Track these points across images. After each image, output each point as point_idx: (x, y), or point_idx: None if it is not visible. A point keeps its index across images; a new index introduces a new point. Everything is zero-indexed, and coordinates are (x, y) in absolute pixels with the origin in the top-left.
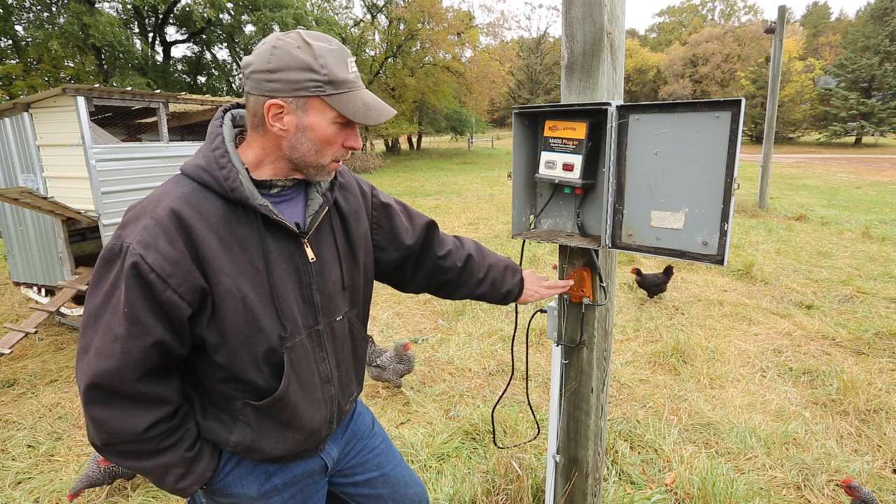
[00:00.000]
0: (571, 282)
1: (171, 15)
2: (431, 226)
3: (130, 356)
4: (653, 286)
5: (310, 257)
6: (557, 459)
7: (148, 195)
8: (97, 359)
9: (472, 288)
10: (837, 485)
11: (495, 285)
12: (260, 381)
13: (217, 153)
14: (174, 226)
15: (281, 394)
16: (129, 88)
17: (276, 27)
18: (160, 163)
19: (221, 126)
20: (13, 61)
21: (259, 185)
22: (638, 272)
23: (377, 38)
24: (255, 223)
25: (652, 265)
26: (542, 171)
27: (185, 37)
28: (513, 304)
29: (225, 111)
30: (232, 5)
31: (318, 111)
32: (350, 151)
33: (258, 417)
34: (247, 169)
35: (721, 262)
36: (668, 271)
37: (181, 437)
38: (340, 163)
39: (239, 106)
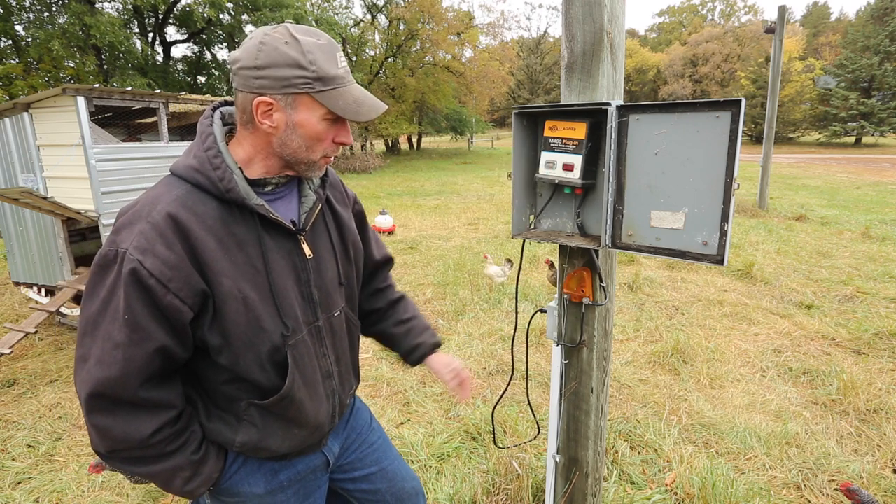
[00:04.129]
0: (468, 396)
1: (171, 15)
2: (390, 260)
3: (133, 363)
4: None
5: (307, 254)
6: (557, 459)
7: (139, 198)
8: (98, 367)
9: (391, 325)
10: (836, 489)
11: (411, 333)
12: (264, 380)
13: (210, 153)
14: (171, 229)
15: (287, 391)
16: (129, 88)
17: None
18: (160, 163)
19: (212, 125)
20: (13, 61)
21: (253, 183)
22: (552, 265)
23: (377, 38)
24: (251, 223)
25: (653, 265)
26: (542, 171)
27: (185, 37)
28: (512, 304)
29: (214, 109)
30: (232, 5)
31: (307, 108)
32: (340, 147)
33: (263, 416)
34: (240, 168)
35: (721, 262)
36: None
37: (186, 439)
38: (332, 158)
39: (228, 103)
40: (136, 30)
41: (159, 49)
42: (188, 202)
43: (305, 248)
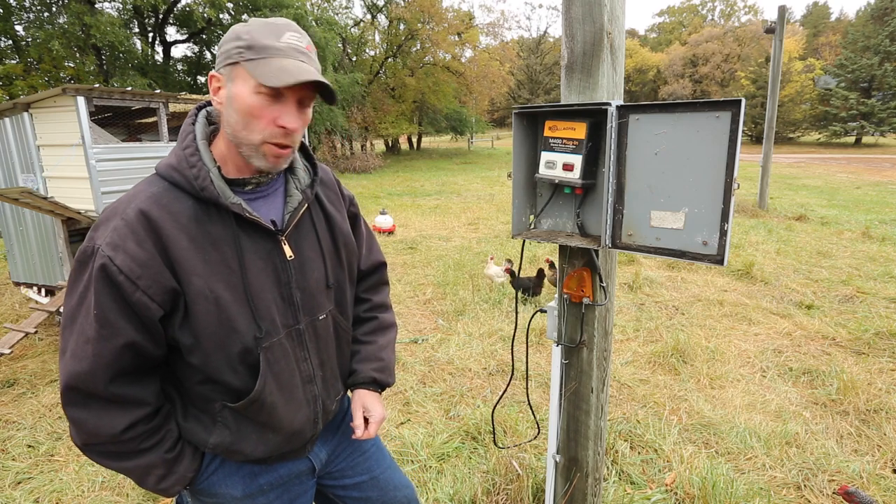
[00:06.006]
0: (361, 436)
1: (172, 15)
2: (381, 265)
3: (101, 358)
4: (524, 288)
5: (288, 255)
6: (557, 459)
7: (122, 195)
8: (72, 360)
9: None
10: (835, 492)
11: (357, 356)
12: (236, 381)
13: (187, 152)
14: (143, 227)
15: (256, 395)
16: (130, 88)
17: None
18: None
19: (194, 124)
20: (13, 61)
21: (233, 182)
22: (511, 273)
23: (377, 38)
24: (228, 222)
25: (653, 265)
26: (542, 171)
27: (185, 37)
28: (512, 304)
29: (199, 108)
30: (232, 5)
31: (241, 79)
32: (286, 133)
33: (236, 419)
34: (219, 167)
35: (721, 262)
36: (540, 273)
37: (161, 438)
38: (283, 150)
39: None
40: (136, 30)
41: (159, 49)
42: (163, 200)
43: (287, 248)
